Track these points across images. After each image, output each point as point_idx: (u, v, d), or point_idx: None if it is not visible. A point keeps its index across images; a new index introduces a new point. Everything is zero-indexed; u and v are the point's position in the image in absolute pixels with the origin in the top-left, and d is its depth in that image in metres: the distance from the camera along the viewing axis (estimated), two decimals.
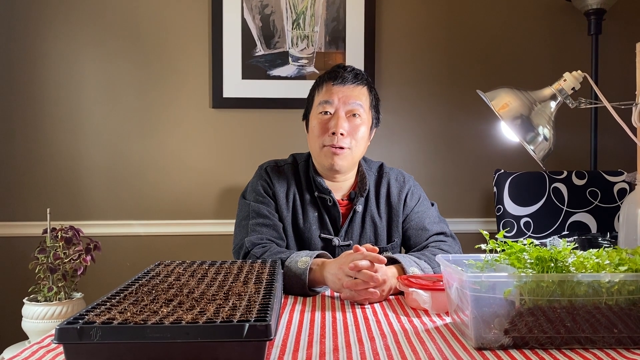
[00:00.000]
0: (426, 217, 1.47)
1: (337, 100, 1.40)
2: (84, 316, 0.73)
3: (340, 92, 1.40)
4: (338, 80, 1.41)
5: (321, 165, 1.44)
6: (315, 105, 1.44)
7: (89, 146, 2.19)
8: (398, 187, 1.49)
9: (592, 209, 1.96)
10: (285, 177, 1.47)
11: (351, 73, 1.43)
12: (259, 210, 1.41)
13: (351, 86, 1.41)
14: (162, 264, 1.14)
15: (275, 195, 1.44)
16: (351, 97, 1.40)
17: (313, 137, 1.43)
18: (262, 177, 1.47)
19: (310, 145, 1.46)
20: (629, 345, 0.82)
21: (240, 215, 1.45)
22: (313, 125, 1.43)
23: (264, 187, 1.45)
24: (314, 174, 1.46)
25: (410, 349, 0.83)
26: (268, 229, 1.39)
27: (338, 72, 1.42)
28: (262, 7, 2.20)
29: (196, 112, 2.22)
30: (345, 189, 1.48)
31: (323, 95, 1.42)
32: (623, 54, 2.27)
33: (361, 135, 1.41)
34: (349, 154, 1.40)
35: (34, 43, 2.17)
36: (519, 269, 0.86)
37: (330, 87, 1.42)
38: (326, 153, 1.40)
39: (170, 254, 2.19)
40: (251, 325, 0.69)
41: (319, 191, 1.44)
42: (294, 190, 1.45)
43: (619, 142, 2.23)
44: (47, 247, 1.75)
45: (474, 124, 2.24)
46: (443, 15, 2.27)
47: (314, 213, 1.44)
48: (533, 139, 1.19)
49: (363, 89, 1.44)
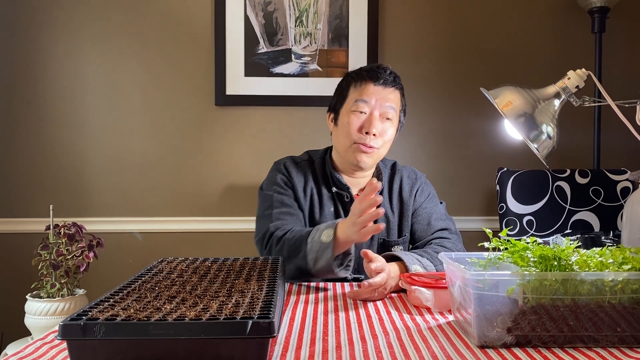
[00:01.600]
0: (433, 213, 1.50)
1: (375, 101, 1.41)
2: (87, 312, 0.73)
3: (379, 93, 1.42)
4: (380, 82, 1.42)
5: (346, 161, 1.45)
6: (351, 101, 1.44)
7: (92, 143, 2.20)
8: (410, 184, 1.52)
9: (595, 208, 1.95)
10: (303, 172, 1.49)
11: (391, 76, 1.44)
12: (282, 200, 1.43)
13: (389, 89, 1.43)
14: (165, 261, 1.15)
15: (294, 188, 1.46)
16: (387, 100, 1.42)
17: (343, 133, 1.44)
18: (281, 170, 1.49)
19: (337, 139, 1.47)
20: (632, 344, 0.82)
21: (263, 206, 1.46)
22: (345, 122, 1.43)
23: (284, 180, 1.47)
24: (332, 170, 1.48)
25: (413, 346, 0.83)
26: (292, 217, 1.41)
27: (380, 74, 1.43)
28: (265, 4, 2.20)
29: (199, 109, 2.22)
30: (362, 185, 1.50)
31: (361, 94, 1.42)
32: (627, 52, 2.26)
33: (389, 137, 1.44)
34: (376, 154, 1.44)
35: (38, 40, 2.17)
36: (522, 267, 0.86)
37: (371, 87, 1.42)
38: (355, 150, 1.41)
39: (173, 251, 2.19)
40: (254, 323, 0.69)
41: (336, 187, 1.47)
42: (311, 185, 1.47)
43: (622, 141, 2.22)
44: (50, 243, 1.76)
45: (477, 122, 2.24)
46: (446, 13, 2.26)
47: (330, 208, 1.46)
48: (536, 137, 1.18)
49: (398, 94, 1.46)
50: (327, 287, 1.25)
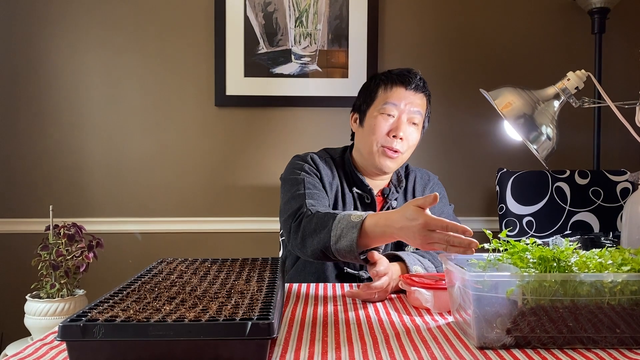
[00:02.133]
0: (441, 213, 1.49)
1: (404, 105, 1.41)
2: (87, 313, 0.74)
3: (408, 98, 1.41)
4: (411, 86, 1.41)
5: (370, 164, 1.44)
6: (379, 103, 1.43)
7: (92, 143, 2.20)
8: (423, 184, 1.54)
9: (594, 209, 1.95)
10: (329, 167, 1.48)
11: (421, 81, 1.44)
12: (313, 182, 1.40)
13: (419, 94, 1.43)
14: (165, 262, 1.15)
15: (322, 180, 1.43)
16: (415, 105, 1.42)
17: (369, 135, 1.43)
18: (308, 162, 1.46)
19: (362, 140, 1.46)
20: (631, 345, 0.82)
21: (293, 188, 1.39)
22: (372, 124, 1.42)
23: (312, 170, 1.43)
24: (355, 170, 1.47)
25: (413, 347, 0.83)
26: (324, 200, 1.38)
27: (411, 78, 1.42)
28: (265, 4, 2.20)
29: (199, 110, 2.22)
30: (381, 186, 1.51)
31: (391, 97, 1.41)
32: (627, 53, 2.26)
33: (414, 142, 1.44)
34: (400, 158, 1.43)
35: (37, 40, 2.17)
36: (521, 268, 0.86)
37: (402, 91, 1.41)
38: (381, 154, 1.41)
39: (173, 252, 2.19)
40: (254, 324, 0.69)
41: (357, 187, 1.46)
42: (337, 182, 1.46)
43: (622, 142, 2.23)
44: (50, 244, 1.76)
45: (477, 123, 2.24)
46: (446, 14, 2.26)
47: (350, 208, 1.45)
48: (536, 138, 1.18)
49: (425, 99, 1.46)
50: (327, 288, 1.25)
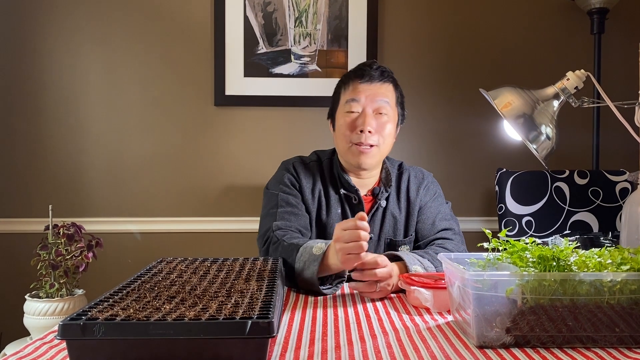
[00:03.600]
0: (438, 212, 1.49)
1: (365, 98, 1.40)
2: (87, 312, 0.74)
3: (368, 90, 1.41)
4: (365, 78, 1.41)
5: (348, 164, 1.45)
6: (342, 103, 1.44)
7: (91, 143, 2.20)
8: (417, 183, 1.52)
9: (594, 209, 1.95)
10: (312, 173, 1.48)
11: (377, 70, 1.43)
12: (287, 199, 1.42)
13: (378, 84, 1.42)
14: (165, 261, 1.15)
15: (302, 190, 1.45)
16: (378, 95, 1.41)
17: (340, 136, 1.44)
18: (290, 170, 1.48)
19: (337, 143, 1.47)
20: (630, 344, 0.82)
21: (268, 205, 1.45)
22: (340, 124, 1.44)
23: (291, 180, 1.46)
24: (340, 171, 1.47)
25: (412, 347, 0.83)
26: (296, 217, 1.40)
27: (365, 70, 1.42)
28: (264, 4, 2.20)
29: (199, 109, 2.22)
30: (370, 185, 1.50)
31: (350, 94, 1.42)
32: (626, 53, 2.27)
33: (388, 132, 1.43)
34: (377, 152, 1.42)
35: (36, 40, 2.17)
36: (521, 267, 0.86)
37: (358, 85, 1.42)
38: (354, 151, 1.41)
39: (172, 251, 2.19)
40: (254, 323, 0.69)
41: (344, 188, 1.46)
42: (319, 187, 1.47)
43: (621, 142, 2.22)
44: (49, 243, 1.75)
45: (477, 123, 2.24)
46: (445, 14, 2.26)
47: (338, 210, 1.45)
48: (535, 138, 1.18)
49: (389, 86, 1.44)
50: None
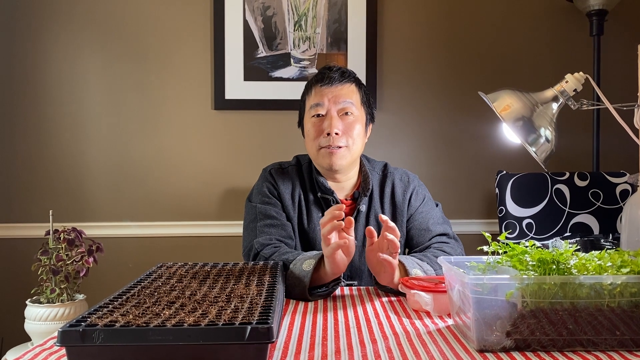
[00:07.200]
0: (430, 217, 1.48)
1: (327, 101, 1.41)
2: (86, 319, 0.73)
3: (330, 92, 1.42)
4: (325, 82, 1.42)
5: (321, 167, 1.45)
6: (307, 109, 1.46)
7: (91, 148, 2.20)
8: (403, 187, 1.50)
9: (594, 211, 1.95)
10: (290, 178, 1.48)
11: (337, 72, 1.44)
12: (265, 211, 1.42)
13: (339, 85, 1.43)
14: (164, 266, 1.15)
15: (281, 197, 1.45)
16: (341, 96, 1.42)
17: (309, 141, 1.45)
18: (267, 179, 1.49)
19: (308, 149, 1.48)
20: (631, 347, 0.82)
21: (248, 218, 1.46)
22: (308, 129, 1.45)
23: (269, 189, 1.46)
24: (317, 175, 1.47)
25: (412, 351, 0.83)
26: (276, 229, 1.40)
27: (324, 74, 1.44)
28: (264, 8, 2.20)
29: (198, 113, 2.22)
30: (348, 189, 1.49)
31: (313, 99, 1.44)
32: (625, 55, 2.26)
33: (356, 132, 1.43)
34: (347, 153, 1.41)
35: (36, 44, 2.17)
36: (521, 271, 0.86)
37: (319, 90, 1.43)
38: (323, 154, 1.41)
39: (173, 256, 2.19)
40: (253, 328, 0.69)
41: (322, 192, 1.45)
42: (298, 191, 1.47)
43: (621, 144, 2.21)
44: (50, 248, 1.75)
45: (476, 126, 2.24)
46: (444, 16, 2.26)
47: (318, 214, 1.45)
48: (535, 141, 1.18)
49: (351, 87, 1.45)
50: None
